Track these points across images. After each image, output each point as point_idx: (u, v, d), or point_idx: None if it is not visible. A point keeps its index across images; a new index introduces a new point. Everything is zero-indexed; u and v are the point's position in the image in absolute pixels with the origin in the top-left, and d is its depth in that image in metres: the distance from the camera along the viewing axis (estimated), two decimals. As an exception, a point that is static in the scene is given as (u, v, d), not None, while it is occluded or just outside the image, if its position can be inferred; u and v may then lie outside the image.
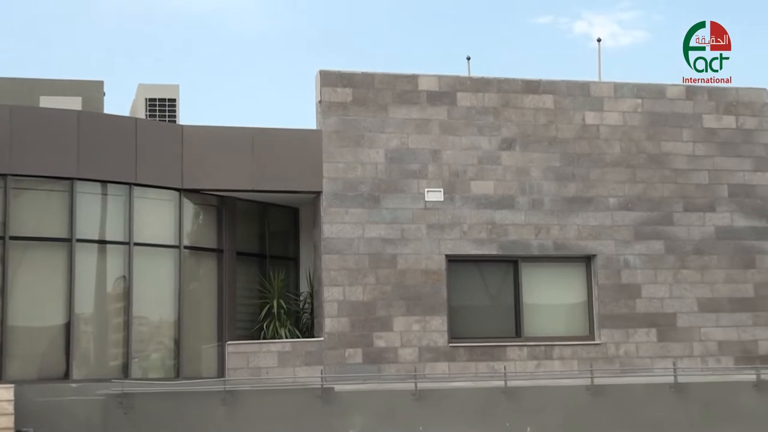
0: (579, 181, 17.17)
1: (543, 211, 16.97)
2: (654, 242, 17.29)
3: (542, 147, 17.11)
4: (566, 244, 17.03)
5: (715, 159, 17.69)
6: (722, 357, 17.16)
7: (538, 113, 17.19)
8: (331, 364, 15.86)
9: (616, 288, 17.09)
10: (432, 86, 16.91)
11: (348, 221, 16.35)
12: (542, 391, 15.71)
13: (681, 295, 17.25)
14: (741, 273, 17.44)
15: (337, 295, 16.13)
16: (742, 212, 17.59)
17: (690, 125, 17.68)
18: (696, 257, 17.38)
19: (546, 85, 17.36)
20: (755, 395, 15.93)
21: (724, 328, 17.23)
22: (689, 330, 17.14)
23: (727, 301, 17.32)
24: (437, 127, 16.80)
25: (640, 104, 17.57)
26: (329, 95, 16.58)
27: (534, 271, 17.19)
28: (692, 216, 17.47)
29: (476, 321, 17.02)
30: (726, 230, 17.51)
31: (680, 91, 17.78)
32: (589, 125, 17.36)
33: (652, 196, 17.39)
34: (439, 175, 16.69)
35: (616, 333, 16.94)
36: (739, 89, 17.99)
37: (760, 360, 17.05)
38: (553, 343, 16.73)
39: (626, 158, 17.40)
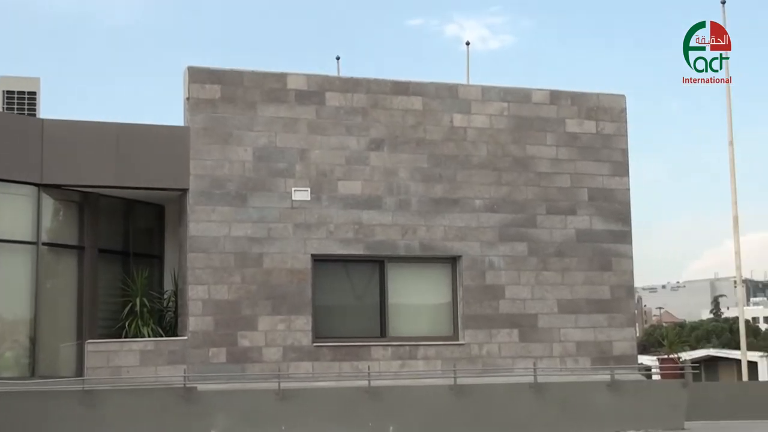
0: (446, 183, 17.37)
1: (410, 211, 17.12)
2: (518, 244, 17.62)
3: (410, 148, 17.26)
4: (432, 245, 17.22)
5: (577, 163, 18.12)
6: (580, 357, 17.59)
7: (406, 114, 17.33)
8: (194, 363, 15.68)
9: (480, 289, 17.35)
10: (301, 85, 16.88)
11: (214, 219, 16.20)
12: (406, 390, 15.86)
13: (542, 296, 17.62)
14: (598, 275, 17.92)
15: (202, 293, 15.97)
16: (600, 216, 18.07)
17: (553, 129, 18.08)
18: (557, 259, 17.78)
19: (415, 87, 17.52)
20: (609, 395, 16.42)
21: (582, 329, 17.67)
22: (549, 331, 17.52)
23: (585, 303, 17.77)
24: (305, 127, 16.78)
25: (507, 108, 17.88)
26: (197, 92, 16.40)
27: (400, 272, 17.32)
28: (554, 219, 17.86)
29: (341, 321, 17.08)
30: (585, 233, 17.96)
31: (545, 96, 18.16)
32: (457, 127, 17.58)
33: (517, 198, 17.72)
34: (307, 174, 16.67)
35: (479, 333, 17.20)
36: (599, 95, 18.47)
37: (615, 360, 17.54)
38: (417, 343, 16.89)
39: (492, 161, 17.69)
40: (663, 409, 16.61)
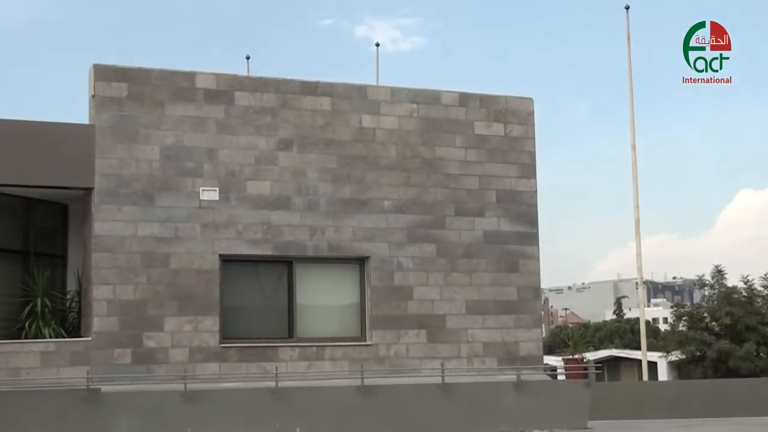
0: (355, 184, 17.38)
1: (318, 212, 17.08)
2: (426, 245, 17.70)
3: (319, 148, 17.22)
4: (341, 246, 17.21)
5: (485, 165, 18.28)
6: (487, 358, 17.75)
7: (315, 115, 17.29)
8: (98, 364, 15.41)
9: (388, 290, 17.39)
10: (210, 84, 16.72)
11: (120, 219, 15.95)
12: (313, 391, 15.84)
13: (450, 297, 17.73)
14: (506, 276, 18.11)
15: (106, 293, 15.71)
16: (508, 217, 18.26)
17: (462, 131, 18.21)
18: (465, 261, 17.91)
19: (324, 87, 17.49)
20: (515, 395, 16.63)
21: (490, 329, 17.83)
22: (457, 331, 17.64)
23: (493, 304, 17.94)
24: (214, 126, 16.63)
25: (416, 109, 17.96)
26: (103, 90, 16.12)
27: (308, 272, 17.27)
28: (463, 220, 17.99)
29: (249, 321, 16.95)
30: (493, 235, 18.13)
31: (454, 98, 18.29)
32: (366, 128, 17.60)
33: (426, 200, 17.80)
34: (215, 174, 16.52)
35: (387, 334, 17.24)
36: (508, 98, 18.66)
37: (521, 361, 17.74)
38: (325, 344, 16.86)
39: (401, 162, 17.75)
40: (567, 408, 16.89)
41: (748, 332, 38.25)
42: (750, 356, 37.48)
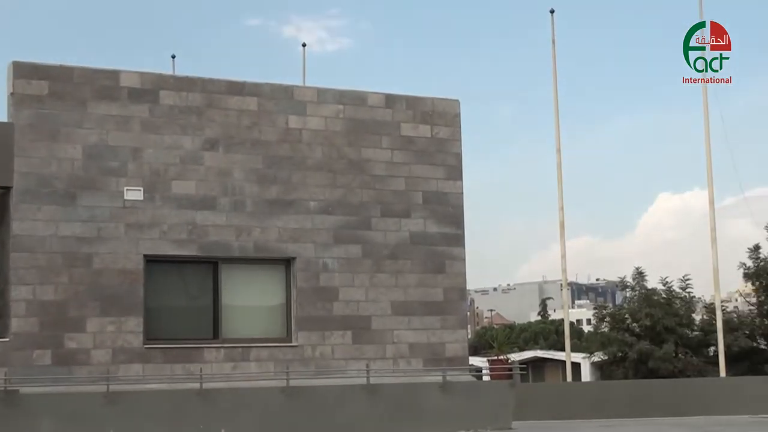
0: (281, 184, 17.31)
1: (244, 212, 16.98)
2: (352, 246, 17.70)
3: (245, 149, 17.12)
4: (267, 247, 17.12)
5: (412, 166, 18.34)
6: (412, 359, 17.81)
7: (242, 115, 17.19)
8: (16, 365, 15.11)
9: (314, 291, 17.35)
10: (134, 83, 16.52)
11: (41, 218, 15.68)
12: (238, 392, 15.73)
13: (376, 298, 17.75)
14: (432, 278, 18.18)
15: (26, 294, 15.44)
16: (434, 219, 18.35)
17: (389, 133, 18.25)
18: (391, 262, 17.94)
19: (250, 87, 17.40)
20: (441, 395, 16.70)
21: (415, 330, 17.90)
22: (383, 332, 17.67)
23: (419, 305, 18.00)
24: (138, 125, 16.44)
25: (342, 110, 17.95)
26: (22, 87, 15.84)
27: (234, 273, 17.16)
28: (389, 221, 18.03)
29: (173, 322, 16.78)
30: (419, 236, 18.19)
31: (380, 99, 18.32)
32: (292, 129, 17.54)
33: (352, 201, 17.80)
34: (140, 173, 16.33)
35: (312, 335, 17.20)
36: (434, 99, 18.75)
37: (447, 362, 17.83)
38: (250, 345, 16.77)
39: (327, 163, 17.72)
40: (492, 409, 17.00)
41: (667, 333, 38.91)
42: (669, 357, 38.12)
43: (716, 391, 26.16)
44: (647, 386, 28.08)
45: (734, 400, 25.06)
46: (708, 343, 38.87)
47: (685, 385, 28.21)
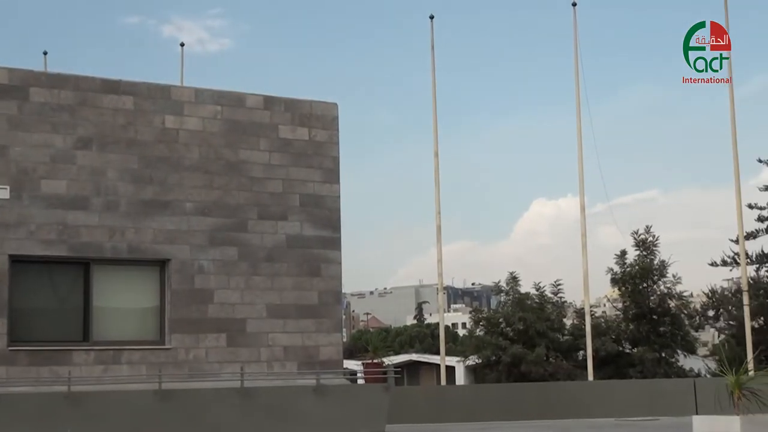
0: (156, 185, 17.04)
1: (118, 213, 16.65)
2: (228, 248, 17.55)
3: (120, 148, 16.80)
4: (141, 248, 16.83)
5: (289, 169, 18.28)
6: (287, 362, 17.74)
7: (116, 114, 16.86)
8: None
9: (188, 293, 17.13)
10: (2, 79, 16.05)
11: None
12: (108, 396, 15.43)
13: (252, 301, 17.63)
14: (308, 281, 18.15)
15: None
16: (311, 222, 18.32)
17: (267, 135, 18.16)
18: (267, 264, 17.85)
19: (126, 86, 17.09)
20: (315, 399, 16.69)
21: (290, 333, 17.84)
22: (258, 335, 17.56)
23: (294, 308, 17.95)
24: (6, 122, 15.97)
25: (220, 111, 17.79)
26: None
27: (106, 274, 16.82)
28: (266, 224, 17.92)
29: (41, 324, 16.34)
30: (296, 239, 18.15)
31: (258, 101, 18.21)
32: (169, 129, 17.29)
33: (229, 202, 17.64)
34: (6, 172, 15.85)
35: (186, 338, 16.98)
36: (312, 102, 18.73)
37: (321, 365, 17.81)
38: (122, 348, 16.45)
39: (205, 164, 17.53)
40: (366, 412, 17.05)
41: (539, 337, 39.70)
42: (540, 360, 38.90)
43: (585, 395, 26.84)
44: (519, 389, 28.63)
45: (602, 403, 25.75)
46: (577, 347, 39.80)
47: (555, 389, 28.85)
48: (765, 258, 42.55)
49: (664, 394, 26.62)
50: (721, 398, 12.71)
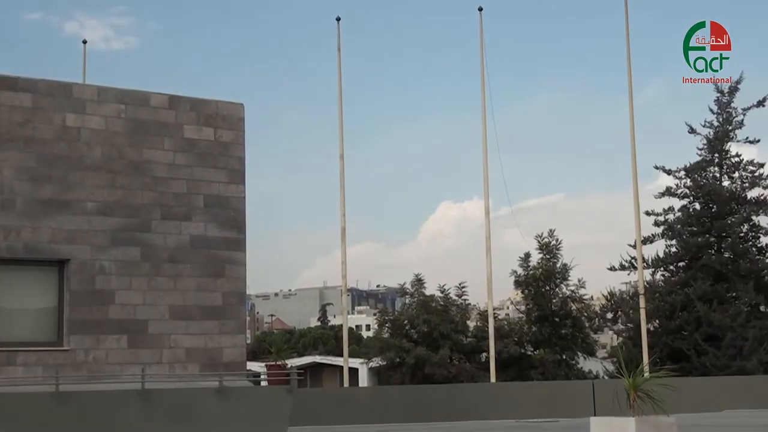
0: (56, 184, 16.71)
1: (14, 212, 16.27)
2: (131, 249, 17.29)
3: (17, 146, 16.42)
4: (38, 248, 16.47)
5: (194, 169, 18.09)
6: (189, 364, 17.56)
7: (13, 111, 16.47)
8: None
9: (88, 294, 16.82)
10: None
11: None
12: (2, 398, 15.04)
13: (154, 302, 17.40)
14: (212, 282, 17.99)
15: None
16: (215, 223, 18.16)
17: (171, 134, 17.94)
18: (171, 265, 17.64)
19: (24, 83, 16.71)
20: (217, 401, 16.54)
21: (193, 335, 17.66)
22: (160, 337, 17.34)
23: (197, 309, 17.77)
24: None
25: (124, 110, 17.52)
26: None
27: (1, 275, 16.41)
28: (169, 224, 17.71)
29: (-69, 325, 15.89)
30: (200, 240, 17.97)
31: (163, 100, 17.99)
32: (70, 127, 16.96)
33: (132, 202, 17.38)
34: None
35: (86, 339, 16.67)
36: (218, 102, 18.57)
37: (224, 367, 17.68)
38: (16, 349, 16.06)
39: (107, 163, 17.24)
40: (268, 414, 16.97)
41: (443, 339, 40.05)
42: (444, 362, 39.24)
43: (487, 397, 27.14)
44: (422, 391, 28.81)
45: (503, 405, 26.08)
46: (481, 349, 40.27)
47: (458, 391, 29.11)
48: (660, 262, 43.64)
49: (564, 396, 27.08)
50: (618, 400, 12.97)
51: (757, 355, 38.08)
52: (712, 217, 42.88)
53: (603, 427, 13.23)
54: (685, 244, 42.74)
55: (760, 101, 42.82)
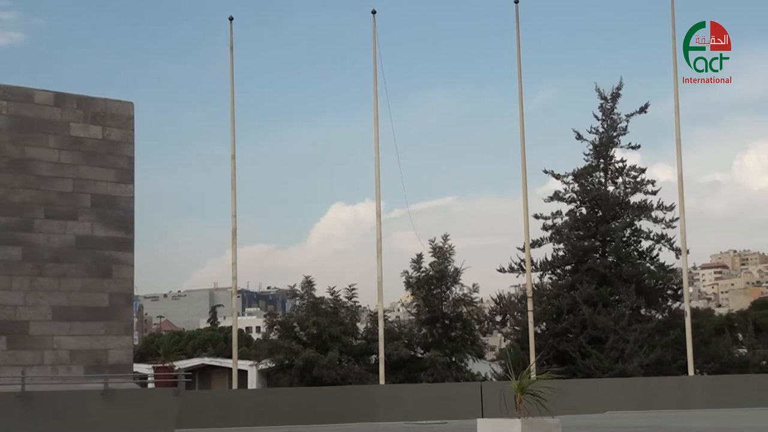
0: (-66, 180, 16.18)
1: None
2: (11, 248, 16.85)
3: None
4: None
5: (80, 168, 17.72)
6: (73, 366, 17.18)
7: None
8: None
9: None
10: None
11: None
12: None
13: (36, 303, 16.98)
14: (98, 282, 17.63)
15: None
16: (102, 222, 17.81)
17: (57, 132, 17.54)
18: (54, 265, 17.24)
19: None
20: (103, 403, 16.23)
21: (78, 336, 17.28)
22: (42, 338, 16.92)
23: (83, 310, 17.41)
24: None
25: (6, 107, 17.06)
26: None
27: None
28: (53, 224, 17.31)
29: None
30: (86, 240, 17.60)
31: (48, 97, 17.58)
32: (-50, 122, 16.45)
33: (13, 201, 16.94)
34: None
35: (-36, 341, 16.17)
36: (107, 100, 18.23)
37: (110, 369, 17.35)
38: None
39: (-12, 160, 16.77)
40: (155, 417, 16.72)
41: (333, 341, 40.02)
42: (333, 365, 39.19)
43: (376, 399, 27.19)
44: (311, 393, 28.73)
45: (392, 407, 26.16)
46: (371, 351, 40.34)
47: (346, 393, 29.10)
48: (548, 265, 44.37)
49: (452, 398, 27.29)
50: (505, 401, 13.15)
51: (638, 358, 38.97)
52: (597, 222, 43.73)
53: (490, 429, 13.40)
54: (572, 248, 43.49)
55: (642, 108, 43.91)
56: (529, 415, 12.69)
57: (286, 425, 24.03)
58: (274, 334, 43.07)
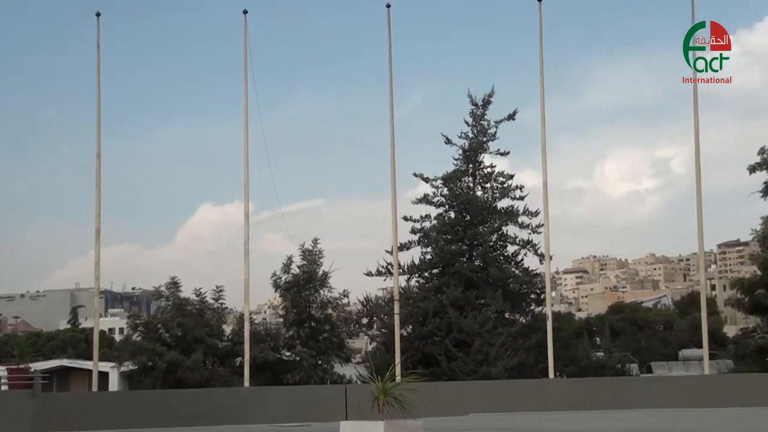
0: None
1: None
2: None
3: None
4: None
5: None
6: None
7: None
8: None
9: None
10: None
11: None
12: None
13: None
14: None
15: None
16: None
17: None
18: None
19: None
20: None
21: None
22: None
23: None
24: None
25: None
26: None
27: None
28: None
29: None
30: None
31: None
32: None
33: None
34: None
35: None
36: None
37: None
38: None
39: None
40: (9, 419, 16.22)
41: (197, 343, 39.52)
42: (197, 367, 38.69)
43: (240, 401, 26.98)
44: (174, 396, 28.33)
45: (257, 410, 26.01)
46: (236, 353, 39.95)
47: (210, 395, 28.79)
48: (416, 269, 44.73)
49: (317, 400, 27.27)
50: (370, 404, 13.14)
51: (502, 361, 39.61)
52: (465, 226, 44.25)
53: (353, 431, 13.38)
54: (439, 251, 43.91)
55: (511, 115, 44.71)
56: (392, 418, 12.71)
57: (148, 428, 23.59)
58: (138, 335, 42.25)
